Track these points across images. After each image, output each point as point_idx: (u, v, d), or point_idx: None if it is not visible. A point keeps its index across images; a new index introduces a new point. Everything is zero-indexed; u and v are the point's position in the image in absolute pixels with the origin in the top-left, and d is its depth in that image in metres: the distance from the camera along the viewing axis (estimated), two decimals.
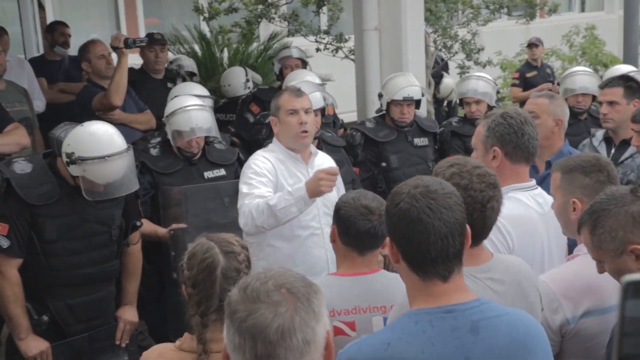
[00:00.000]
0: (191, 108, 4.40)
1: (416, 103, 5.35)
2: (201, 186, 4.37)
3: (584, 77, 5.68)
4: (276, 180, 3.63)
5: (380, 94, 5.43)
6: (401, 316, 1.87)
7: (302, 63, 6.36)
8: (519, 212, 2.77)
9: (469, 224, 1.89)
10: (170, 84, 6.10)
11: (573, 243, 2.76)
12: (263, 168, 3.61)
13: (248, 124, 5.89)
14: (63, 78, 6.69)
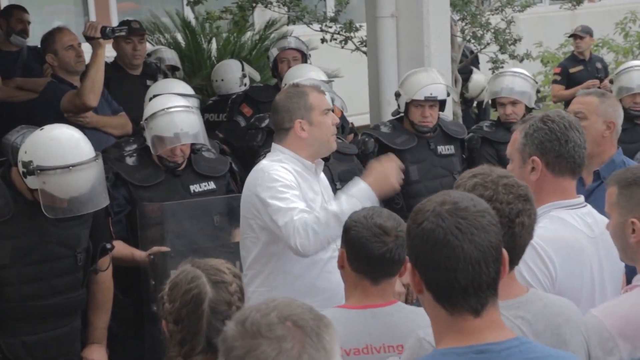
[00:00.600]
0: (175, 110, 4.39)
1: (440, 104, 5.35)
2: (186, 202, 4.36)
3: None
4: (301, 194, 3.56)
5: (397, 93, 5.43)
6: (424, 357, 1.86)
7: (302, 56, 6.33)
8: (563, 235, 2.76)
9: None
10: (149, 81, 6.09)
11: (631, 271, 2.74)
12: (290, 180, 3.53)
13: (239, 129, 5.90)
14: (20, 72, 6.69)
